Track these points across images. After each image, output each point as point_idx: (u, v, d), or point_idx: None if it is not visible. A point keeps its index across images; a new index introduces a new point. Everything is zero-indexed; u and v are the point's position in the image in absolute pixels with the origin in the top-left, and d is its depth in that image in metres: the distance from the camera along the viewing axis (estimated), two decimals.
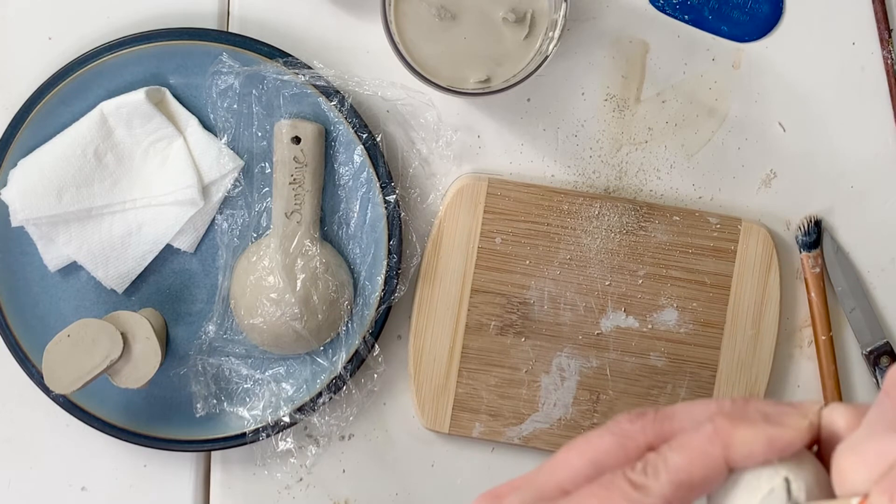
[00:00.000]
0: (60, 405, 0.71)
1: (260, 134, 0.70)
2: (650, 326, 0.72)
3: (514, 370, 0.72)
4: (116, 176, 0.70)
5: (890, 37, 0.72)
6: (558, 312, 0.72)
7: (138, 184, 0.71)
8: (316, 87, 0.70)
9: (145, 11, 0.71)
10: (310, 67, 0.70)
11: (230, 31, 0.72)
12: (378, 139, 0.70)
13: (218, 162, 0.70)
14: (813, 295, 0.73)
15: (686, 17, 0.72)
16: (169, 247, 0.71)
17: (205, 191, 0.70)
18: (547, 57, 0.64)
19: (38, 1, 0.72)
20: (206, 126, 0.71)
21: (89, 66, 0.69)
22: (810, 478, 0.37)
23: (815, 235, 0.72)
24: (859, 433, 0.36)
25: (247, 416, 0.72)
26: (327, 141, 0.71)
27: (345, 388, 0.72)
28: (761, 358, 0.72)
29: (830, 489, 0.37)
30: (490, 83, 0.66)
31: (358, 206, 0.71)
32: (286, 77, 0.69)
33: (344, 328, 0.71)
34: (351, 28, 0.72)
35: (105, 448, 0.74)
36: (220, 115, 0.70)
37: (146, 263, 0.71)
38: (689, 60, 0.72)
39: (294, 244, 0.70)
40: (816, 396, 0.74)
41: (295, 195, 0.70)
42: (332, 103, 0.70)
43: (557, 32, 0.64)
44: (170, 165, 0.70)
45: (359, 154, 0.70)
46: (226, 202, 0.71)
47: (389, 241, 0.71)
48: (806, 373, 0.74)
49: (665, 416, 0.38)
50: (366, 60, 0.72)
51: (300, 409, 0.72)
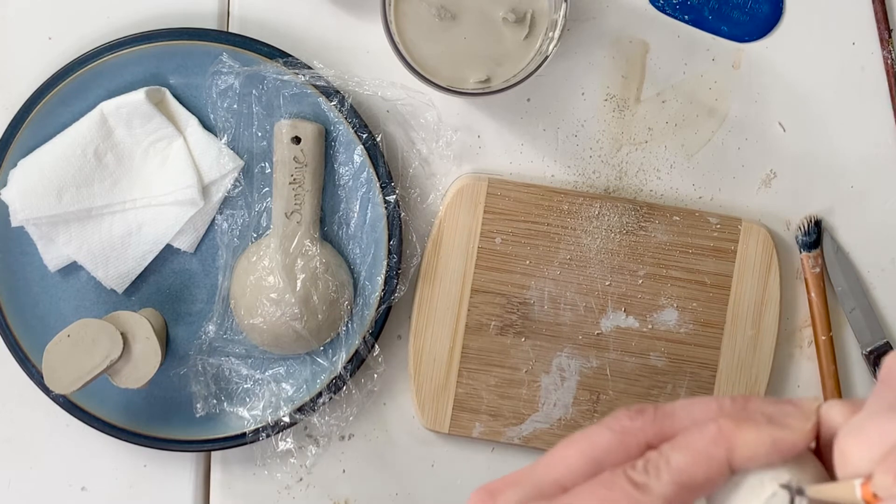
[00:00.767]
0: (60, 405, 0.71)
1: (260, 134, 0.70)
2: (650, 326, 0.72)
3: (514, 370, 0.72)
4: (116, 176, 0.70)
5: (890, 37, 0.72)
6: (558, 312, 0.72)
7: (138, 184, 0.71)
8: (316, 87, 0.70)
9: (145, 11, 0.71)
10: (310, 67, 0.70)
11: (230, 31, 0.72)
12: (378, 139, 0.70)
13: (218, 162, 0.70)
14: (813, 295, 0.73)
15: (686, 17, 0.72)
16: (169, 247, 0.71)
17: (205, 191, 0.70)
18: (547, 57, 0.64)
19: (38, 1, 0.72)
20: (206, 126, 0.71)
21: (89, 66, 0.69)
22: (811, 480, 0.36)
23: (815, 235, 0.72)
24: (860, 416, 0.36)
25: (247, 416, 0.72)
26: (327, 141, 0.71)
27: (345, 388, 0.72)
28: (761, 358, 0.72)
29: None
30: (490, 83, 0.66)
31: (358, 206, 0.71)
32: (286, 77, 0.69)
33: (344, 328, 0.71)
34: (351, 28, 0.72)
35: (105, 448, 0.74)
36: (220, 115, 0.70)
37: (146, 263, 0.71)
38: (689, 60, 0.72)
39: (294, 244, 0.70)
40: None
41: (295, 195, 0.70)
42: (332, 103, 0.70)
43: (557, 32, 0.64)
44: (170, 165, 0.70)
45: (359, 154, 0.70)
46: (226, 202, 0.71)
47: (389, 241, 0.71)
48: (806, 373, 0.74)
49: (665, 413, 0.38)
50: (366, 60, 0.72)
51: (300, 409, 0.72)
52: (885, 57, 0.72)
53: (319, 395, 0.71)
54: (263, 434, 0.71)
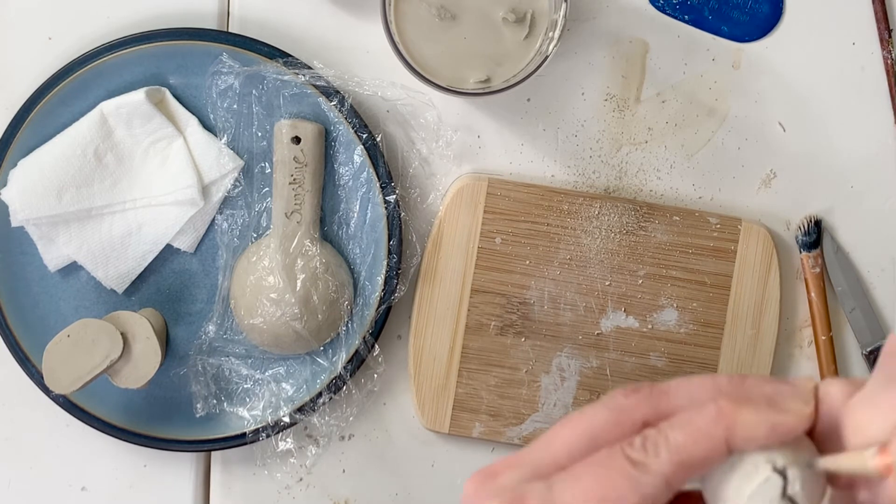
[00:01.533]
0: (60, 405, 0.71)
1: (260, 134, 0.70)
2: (650, 326, 0.72)
3: (514, 370, 0.72)
4: (116, 176, 0.70)
5: (890, 37, 0.72)
6: (558, 312, 0.72)
7: (138, 184, 0.71)
8: (316, 87, 0.70)
9: (145, 11, 0.71)
10: (310, 67, 0.70)
11: (230, 31, 0.72)
12: (378, 139, 0.70)
13: (218, 162, 0.70)
14: (813, 295, 0.73)
15: (686, 17, 0.72)
16: (169, 247, 0.71)
17: (205, 191, 0.70)
18: (547, 57, 0.64)
19: (38, 1, 0.72)
20: (206, 126, 0.71)
21: (89, 66, 0.69)
22: (806, 463, 0.36)
23: (815, 235, 0.72)
24: (871, 388, 0.36)
25: (247, 416, 0.72)
26: (327, 141, 0.71)
27: (345, 388, 0.72)
28: (761, 358, 0.72)
29: (824, 474, 0.37)
30: (490, 83, 0.66)
31: (358, 206, 0.71)
32: (286, 77, 0.69)
33: (344, 328, 0.71)
34: (351, 28, 0.72)
35: (105, 448, 0.74)
36: (220, 115, 0.70)
37: (146, 263, 0.71)
38: (689, 60, 0.72)
39: (294, 244, 0.70)
40: None
41: (295, 195, 0.70)
42: (332, 103, 0.70)
43: (557, 32, 0.64)
44: (170, 165, 0.70)
45: (359, 154, 0.70)
46: (226, 202, 0.71)
47: (389, 241, 0.71)
48: (806, 373, 0.74)
49: (661, 391, 0.38)
50: (366, 60, 0.72)
51: (300, 409, 0.72)
52: (885, 57, 0.72)
53: (319, 395, 0.71)
54: (263, 434, 0.71)
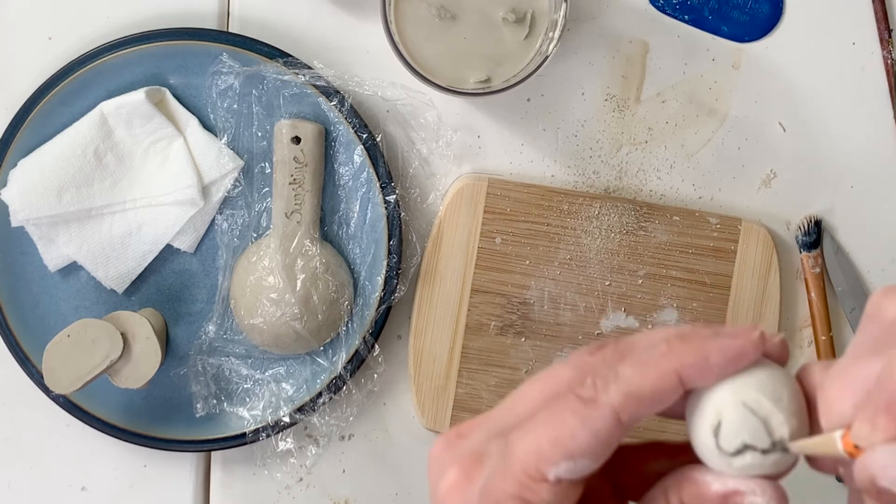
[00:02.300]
0: (60, 405, 0.71)
1: (260, 134, 0.70)
2: (650, 326, 0.72)
3: (514, 370, 0.72)
4: (116, 176, 0.70)
5: (890, 37, 0.72)
6: (558, 312, 0.72)
7: (138, 184, 0.71)
8: (316, 87, 0.70)
9: (145, 11, 0.71)
10: (310, 67, 0.70)
11: (230, 31, 0.72)
12: (378, 139, 0.70)
13: (218, 162, 0.70)
14: (813, 295, 0.73)
15: (686, 17, 0.72)
16: (169, 247, 0.71)
17: (205, 191, 0.70)
18: (547, 57, 0.64)
19: (38, 1, 0.72)
20: (206, 126, 0.71)
21: (89, 66, 0.69)
22: (775, 395, 0.36)
23: (815, 235, 0.72)
24: (844, 359, 0.35)
25: (247, 416, 0.72)
26: (327, 141, 0.71)
27: (345, 388, 0.72)
28: None
29: (805, 406, 0.36)
30: (490, 83, 0.66)
31: (358, 206, 0.71)
32: (286, 77, 0.69)
33: (344, 328, 0.71)
34: (351, 28, 0.72)
35: (105, 448, 0.74)
36: (220, 115, 0.70)
37: (146, 263, 0.71)
38: (689, 60, 0.72)
39: (294, 244, 0.70)
40: None
41: (295, 195, 0.70)
42: (332, 103, 0.70)
43: (557, 32, 0.64)
44: (170, 165, 0.70)
45: (359, 154, 0.70)
46: (226, 202, 0.71)
47: (389, 241, 0.71)
48: None
49: (626, 346, 0.38)
50: (366, 60, 0.72)
51: (300, 409, 0.72)
52: (885, 57, 0.72)
53: (319, 395, 0.71)
54: (263, 434, 0.71)
